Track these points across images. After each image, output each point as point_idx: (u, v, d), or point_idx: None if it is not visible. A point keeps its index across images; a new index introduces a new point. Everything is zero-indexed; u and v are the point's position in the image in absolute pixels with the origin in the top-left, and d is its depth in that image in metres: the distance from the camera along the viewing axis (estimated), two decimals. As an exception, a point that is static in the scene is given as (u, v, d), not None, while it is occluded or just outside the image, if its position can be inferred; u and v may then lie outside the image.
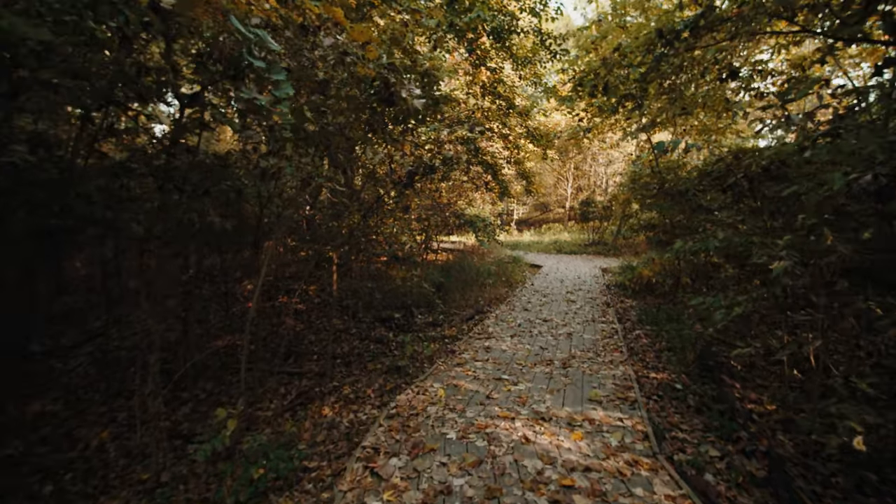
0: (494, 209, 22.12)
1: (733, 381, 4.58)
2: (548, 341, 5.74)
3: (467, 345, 5.66)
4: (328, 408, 4.65)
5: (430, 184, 12.85)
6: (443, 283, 10.03)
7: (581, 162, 31.18)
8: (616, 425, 3.30)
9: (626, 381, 4.31)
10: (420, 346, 6.49)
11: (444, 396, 3.85)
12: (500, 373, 4.51)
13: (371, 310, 9.05)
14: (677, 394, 4.45)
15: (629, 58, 5.92)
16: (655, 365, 5.26)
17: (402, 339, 6.23)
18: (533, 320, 7.01)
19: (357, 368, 6.02)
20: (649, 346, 6.13)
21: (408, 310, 9.04)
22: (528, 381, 4.24)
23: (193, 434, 4.47)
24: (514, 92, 11.09)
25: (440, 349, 6.11)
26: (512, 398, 3.82)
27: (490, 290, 10.48)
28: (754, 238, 3.06)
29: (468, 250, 17.23)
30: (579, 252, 20.29)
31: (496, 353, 5.21)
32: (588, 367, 4.66)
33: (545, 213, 35.63)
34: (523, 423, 3.29)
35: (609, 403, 3.75)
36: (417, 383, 4.31)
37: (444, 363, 4.95)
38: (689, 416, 3.99)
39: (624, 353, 5.22)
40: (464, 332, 7.16)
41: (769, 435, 3.46)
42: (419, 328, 7.95)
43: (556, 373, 4.48)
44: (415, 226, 12.51)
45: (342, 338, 7.58)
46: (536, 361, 4.87)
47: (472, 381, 4.28)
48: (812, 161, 2.89)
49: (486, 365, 4.76)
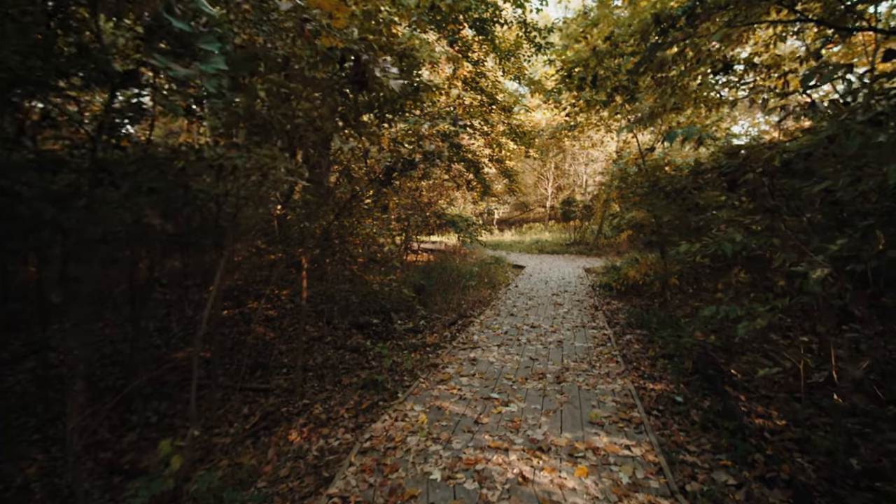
0: (476, 209, 21.78)
1: (737, 392, 4.28)
2: (538, 351, 5.34)
3: (451, 356, 5.21)
4: (296, 432, 4.13)
5: (410, 182, 12.38)
6: (424, 285, 9.57)
7: (561, 161, 31.17)
8: (624, 455, 2.91)
9: (626, 398, 3.93)
10: (400, 356, 6.03)
11: (427, 423, 3.39)
12: (489, 390, 4.08)
13: (348, 315, 8.52)
14: (679, 408, 4.11)
15: (621, 47, 5.59)
16: (651, 374, 4.93)
17: (381, 349, 5.74)
18: (520, 326, 6.62)
19: (330, 382, 5.51)
20: (642, 352, 5.82)
21: (386, 315, 8.55)
22: (520, 401, 3.82)
23: (138, 467, 3.90)
24: (497, 87, 10.71)
25: (421, 360, 5.65)
26: (504, 422, 3.39)
27: (473, 293, 10.07)
28: (774, 240, 2.72)
29: (450, 251, 16.82)
30: (561, 252, 20.11)
31: (483, 366, 4.79)
32: (584, 381, 4.28)
33: (526, 213, 35.53)
34: (518, 455, 2.86)
35: (612, 426, 3.37)
36: (396, 406, 3.83)
37: (426, 379, 4.48)
38: (695, 434, 3.64)
39: (620, 363, 4.87)
40: (446, 339, 6.72)
41: (787, 457, 3.13)
42: (399, 335, 7.47)
43: (551, 389, 4.07)
44: (394, 226, 12.03)
45: (315, 347, 7.03)
46: (528, 375, 4.46)
47: (458, 401, 3.83)
48: (837, 154, 2.56)
49: (473, 381, 4.32)
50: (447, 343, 6.50)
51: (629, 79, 5.67)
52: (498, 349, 5.39)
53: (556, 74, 6.14)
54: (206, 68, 1.81)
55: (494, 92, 10.56)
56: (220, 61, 1.85)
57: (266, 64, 2.85)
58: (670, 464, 2.93)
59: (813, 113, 2.57)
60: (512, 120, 11.96)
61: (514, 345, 5.60)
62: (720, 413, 3.86)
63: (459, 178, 12.83)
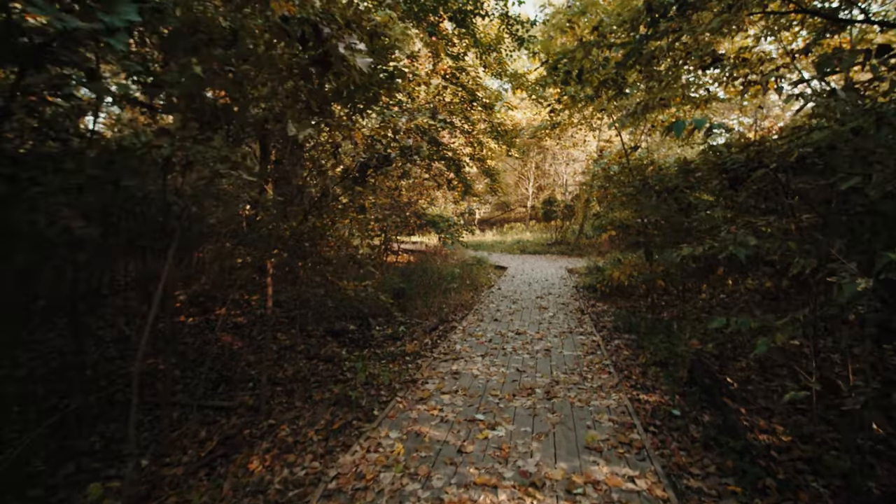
0: (457, 208, 21.45)
1: (736, 403, 4.02)
2: (524, 361, 5.00)
3: (432, 370, 4.82)
4: (258, 459, 3.68)
5: (389, 181, 11.94)
6: (403, 289, 9.16)
7: (542, 161, 31.16)
8: (628, 490, 2.58)
9: (623, 416, 3.61)
10: (377, 366, 5.62)
11: (403, 454, 2.99)
12: (473, 409, 3.70)
13: (323, 321, 8.05)
14: (677, 422, 3.83)
15: (609, 38, 5.30)
16: (644, 384, 4.65)
17: (356, 360, 5.32)
18: (505, 333, 6.28)
19: (300, 398, 5.05)
20: (632, 358, 5.55)
21: (364, 320, 8.11)
22: (508, 422, 3.45)
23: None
24: (478, 83, 10.38)
25: (400, 372, 5.25)
26: (491, 450, 3.02)
27: (455, 296, 9.71)
28: (790, 244, 2.44)
29: (430, 251, 16.44)
30: (543, 252, 19.96)
31: (466, 380, 4.41)
32: (576, 397, 3.95)
33: (507, 213, 35.43)
34: (509, 493, 2.49)
35: (611, 451, 3.04)
36: (369, 433, 3.41)
37: (403, 398, 4.07)
38: (697, 453, 3.36)
39: (613, 374, 4.56)
40: (427, 347, 6.34)
41: (801, 481, 2.86)
42: (377, 343, 7.05)
43: (541, 407, 3.73)
44: (373, 226, 11.57)
45: (286, 357, 6.54)
46: (515, 391, 4.10)
47: (439, 424, 3.44)
48: (860, 148, 2.29)
49: (456, 399, 3.93)
50: (428, 352, 6.11)
51: (617, 72, 5.40)
52: (482, 360, 5.03)
53: (540, 67, 5.82)
54: (112, 20, 1.38)
55: (475, 88, 10.22)
56: (132, 11, 1.42)
57: (211, 39, 2.41)
58: (679, 496, 2.62)
59: (834, 100, 2.31)
60: (493, 118, 11.66)
61: (499, 354, 5.25)
62: (721, 429, 3.58)
63: (440, 178, 12.46)
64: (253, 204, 6.95)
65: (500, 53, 9.79)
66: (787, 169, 2.47)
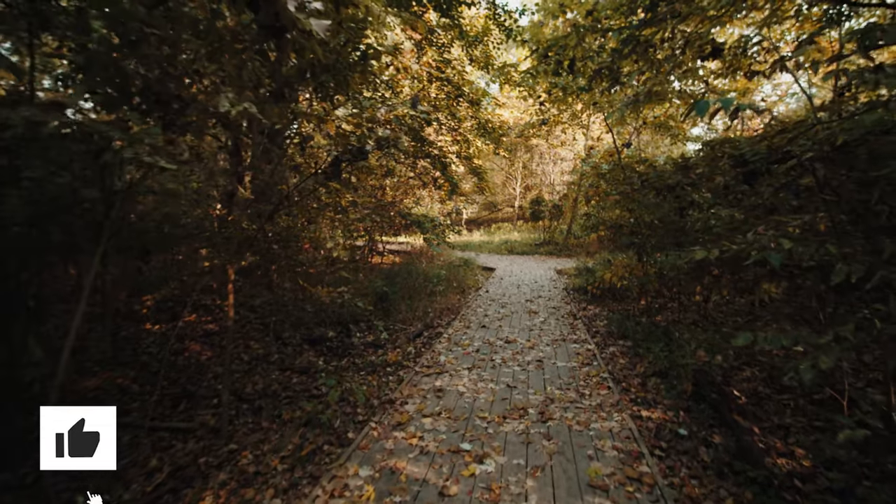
0: (444, 208, 21.02)
1: (746, 419, 3.67)
2: (515, 375, 4.58)
3: (413, 386, 4.36)
4: (211, 496, 3.20)
5: (373, 180, 11.46)
6: (386, 292, 8.69)
7: (529, 161, 30.94)
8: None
9: (628, 442, 3.20)
10: (355, 379, 5.16)
11: (374, 498, 2.54)
12: (458, 437, 3.24)
13: (301, 327, 7.55)
14: (684, 444, 3.45)
15: (605, 23, 4.93)
16: (645, 398, 4.28)
17: (330, 376, 4.86)
18: (493, 342, 5.85)
19: (268, 417, 4.56)
20: (629, 367, 5.19)
21: (345, 326, 7.63)
22: (498, 453, 3.00)
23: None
24: (464, 77, 9.96)
25: (379, 386, 4.80)
26: (478, 492, 2.55)
27: (441, 300, 9.28)
28: (830, 248, 2.07)
29: (416, 252, 15.99)
30: (531, 252, 19.65)
31: (451, 399, 3.95)
32: (574, 418, 3.53)
33: (494, 213, 35.14)
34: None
35: (619, 490, 2.63)
36: (335, 471, 2.93)
37: (378, 423, 3.60)
38: (710, 482, 2.98)
39: (612, 389, 4.17)
40: (410, 356, 5.90)
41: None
42: (357, 351, 6.58)
43: (535, 432, 3.30)
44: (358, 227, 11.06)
45: (258, 369, 6.01)
46: (505, 411, 3.67)
47: (418, 458, 2.97)
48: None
49: (438, 423, 3.47)
50: (410, 361, 5.67)
51: (612, 60, 5.03)
52: (469, 374, 4.59)
53: (530, 56, 5.42)
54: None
55: (461, 82, 9.80)
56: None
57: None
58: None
59: (883, 77, 1.95)
60: (479, 114, 11.26)
61: (487, 367, 4.82)
62: (735, 452, 3.21)
63: (426, 176, 12.02)
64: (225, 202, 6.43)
65: (487, 46, 9.40)
66: (825, 159, 2.11)
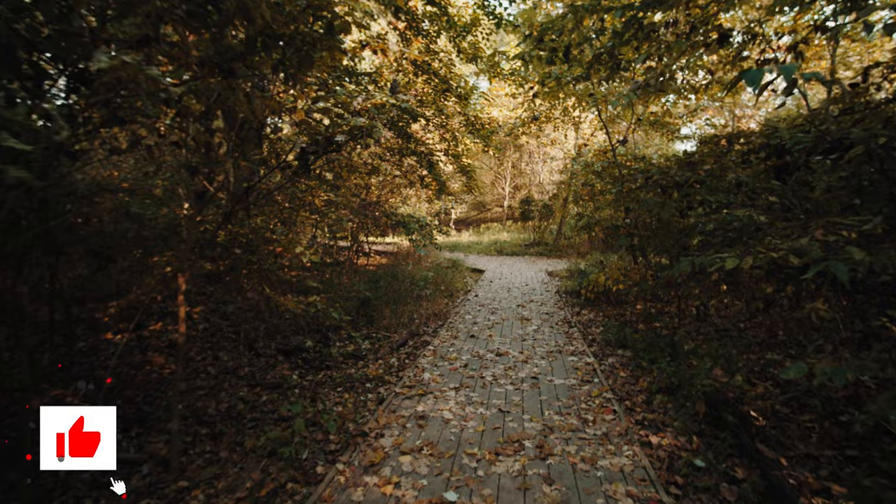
0: (431, 208, 20.53)
1: (771, 448, 3.24)
2: (508, 395, 4.07)
3: (391, 413, 3.80)
4: (145, 555, 2.66)
5: (358, 178, 10.91)
6: (369, 297, 8.16)
7: (518, 160, 30.61)
8: None
9: (644, 487, 2.68)
10: (331, 397, 4.66)
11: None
12: (442, 482, 2.67)
13: (276, 336, 7.01)
14: (703, 479, 3.01)
15: (605, 3, 4.49)
16: (653, 420, 3.83)
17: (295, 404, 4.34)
18: (483, 355, 5.36)
19: (228, 446, 4.01)
20: (631, 382, 4.75)
21: (323, 335, 7.11)
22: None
23: None
24: (451, 70, 9.47)
25: (357, 406, 4.29)
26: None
27: (427, 304, 8.78)
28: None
29: (403, 253, 15.48)
30: (521, 253, 19.24)
31: (435, 429, 3.40)
32: (578, 454, 3.01)
33: (483, 213, 34.75)
34: None
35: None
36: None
37: (348, 465, 3.03)
38: (739, 530, 2.53)
39: (618, 414, 3.69)
40: (392, 370, 5.39)
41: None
42: (335, 363, 6.05)
43: (533, 474, 2.79)
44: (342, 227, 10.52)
45: (224, 384, 5.45)
46: (498, 445, 3.14)
47: (393, 513, 2.45)
48: None
49: (419, 462, 2.92)
50: (392, 376, 5.17)
51: (613, 45, 4.59)
52: (456, 395, 4.07)
53: (522, 42, 4.95)
54: None
55: (448, 76, 9.31)
56: None
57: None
58: None
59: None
60: (468, 109, 10.79)
61: (476, 386, 4.31)
62: (765, 494, 2.77)
63: (412, 175, 11.52)
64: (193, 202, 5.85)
65: (476, 38, 8.92)
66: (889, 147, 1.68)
